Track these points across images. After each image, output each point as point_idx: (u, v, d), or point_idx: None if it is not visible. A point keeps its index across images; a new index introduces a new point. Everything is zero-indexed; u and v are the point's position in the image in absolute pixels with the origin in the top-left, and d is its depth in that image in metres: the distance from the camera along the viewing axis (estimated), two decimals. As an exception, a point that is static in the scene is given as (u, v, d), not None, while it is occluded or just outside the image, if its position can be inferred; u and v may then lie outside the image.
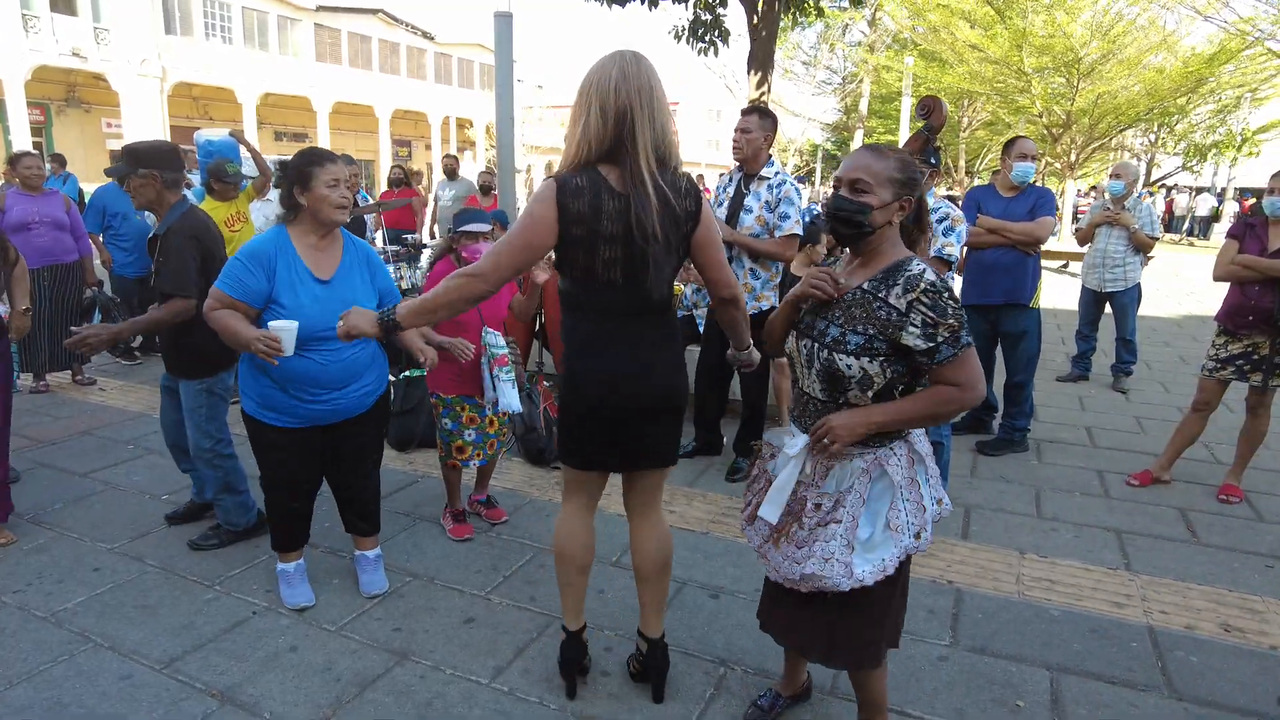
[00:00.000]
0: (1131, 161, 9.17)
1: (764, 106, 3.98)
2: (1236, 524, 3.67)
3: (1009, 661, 2.57)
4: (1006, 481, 4.15)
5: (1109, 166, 6.75)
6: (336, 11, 29.11)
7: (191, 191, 5.84)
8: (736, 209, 3.90)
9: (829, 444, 1.77)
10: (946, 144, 22.93)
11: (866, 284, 1.80)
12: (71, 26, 21.34)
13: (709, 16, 9.63)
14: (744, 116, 3.88)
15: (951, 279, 1.84)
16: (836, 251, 5.85)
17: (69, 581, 2.98)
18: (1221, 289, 3.97)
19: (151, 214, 3.21)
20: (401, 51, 32.31)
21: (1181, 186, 30.30)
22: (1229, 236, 3.86)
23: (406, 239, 7.07)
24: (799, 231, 3.81)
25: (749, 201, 3.86)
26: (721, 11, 9.71)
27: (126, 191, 3.25)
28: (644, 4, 9.18)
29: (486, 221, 3.32)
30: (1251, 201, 21.61)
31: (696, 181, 2.16)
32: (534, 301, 3.33)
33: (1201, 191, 29.23)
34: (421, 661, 2.53)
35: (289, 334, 2.46)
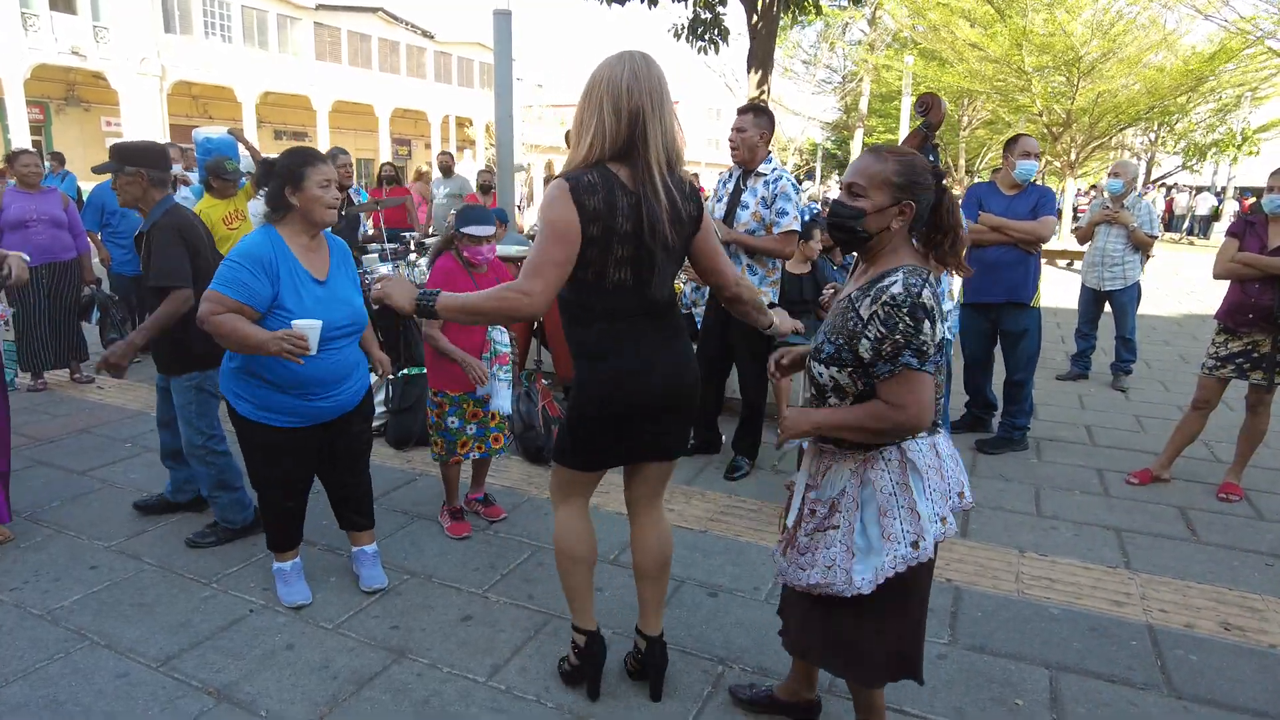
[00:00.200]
0: (1131, 160, 9.17)
1: (760, 105, 3.98)
2: (1236, 522, 3.67)
3: (1008, 660, 2.56)
4: (1006, 480, 4.15)
5: (1109, 165, 6.74)
6: (336, 10, 29.11)
7: (190, 189, 5.84)
8: (734, 206, 3.90)
9: (779, 434, 1.85)
10: (946, 143, 22.92)
11: (855, 292, 1.77)
12: (71, 25, 21.32)
13: (708, 15, 9.63)
14: (739, 115, 3.89)
15: (949, 276, 1.80)
16: (835, 254, 5.85)
17: (66, 579, 2.98)
18: (1221, 288, 3.96)
19: (138, 212, 3.23)
20: (401, 50, 32.31)
21: (1181, 186, 30.29)
22: (1228, 234, 3.86)
23: (405, 236, 7.06)
24: (796, 228, 3.81)
25: (746, 198, 3.86)
26: (721, 10, 9.71)
27: (113, 189, 3.26)
28: (644, 2, 9.17)
29: (490, 223, 3.27)
30: (1251, 201, 21.62)
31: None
32: None
33: (1202, 190, 29.22)
34: (419, 659, 2.52)
35: (315, 332, 2.41)
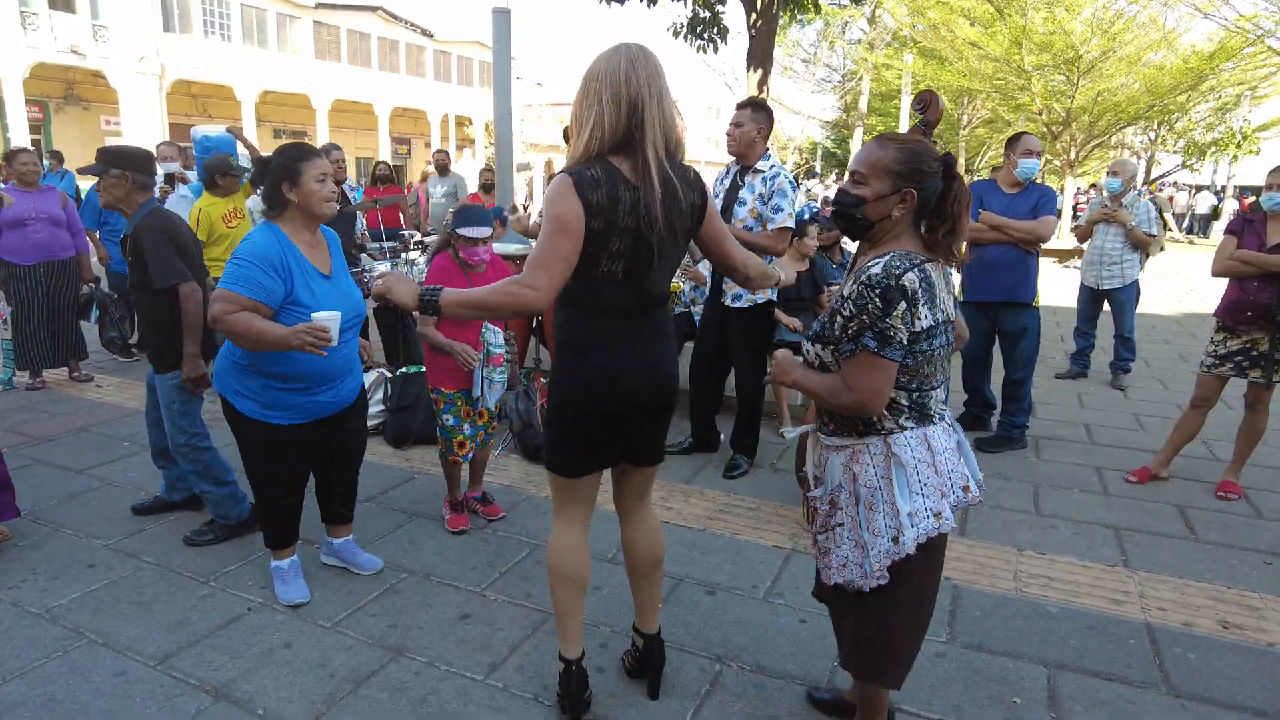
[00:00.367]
0: (1130, 159, 9.16)
1: (759, 100, 3.98)
2: (1235, 521, 3.67)
3: (1006, 658, 2.56)
4: (1005, 478, 4.14)
5: (1109, 164, 6.74)
6: (335, 9, 29.07)
7: (189, 187, 5.84)
8: (731, 202, 3.90)
9: (769, 373, 1.95)
10: (946, 141, 22.92)
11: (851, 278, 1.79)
12: (70, 24, 21.29)
13: (707, 14, 9.61)
14: (738, 110, 3.90)
15: (949, 274, 1.79)
16: (834, 252, 5.85)
17: (64, 578, 2.98)
18: (1220, 287, 3.96)
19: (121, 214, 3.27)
20: (400, 49, 32.28)
21: (1181, 184, 30.28)
22: (1227, 232, 3.87)
23: (403, 235, 7.06)
24: (790, 225, 3.80)
25: (743, 194, 3.86)
26: (720, 8, 9.69)
27: (97, 190, 3.29)
28: (642, 1, 9.15)
29: (487, 224, 3.25)
30: (1251, 200, 21.59)
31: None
32: None
33: (1201, 189, 29.22)
34: (416, 658, 2.52)
35: (335, 323, 2.43)
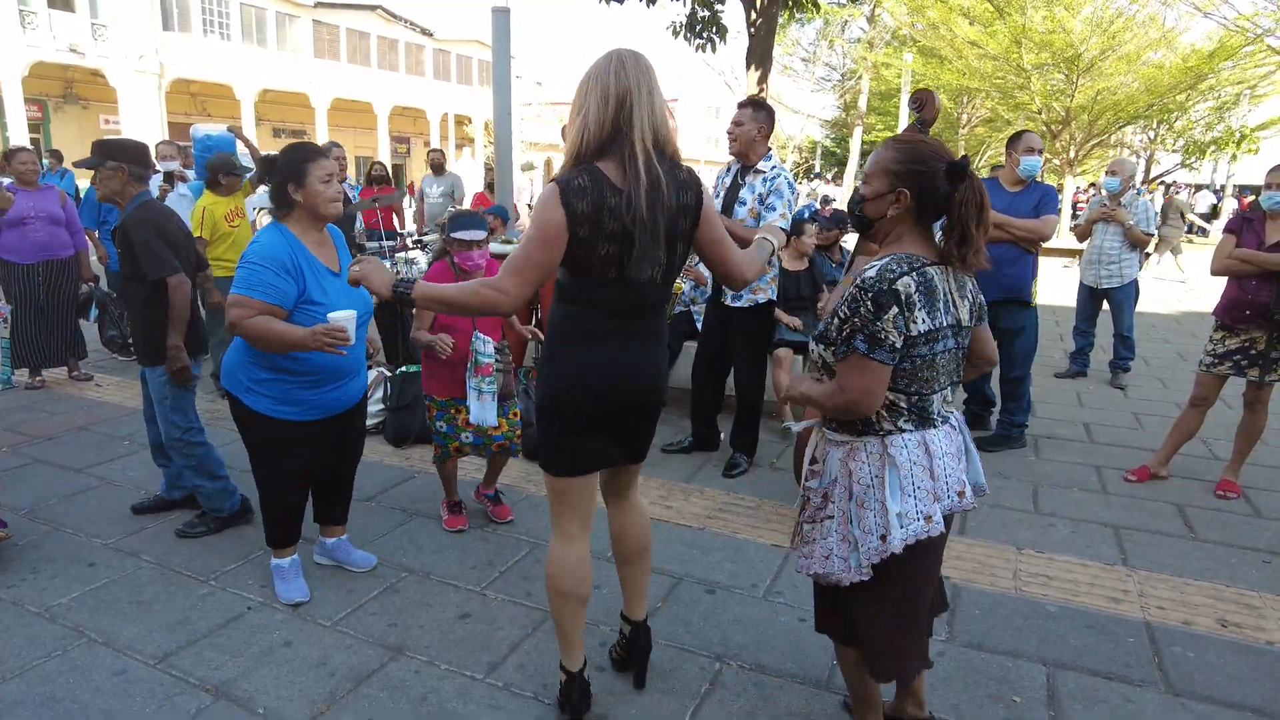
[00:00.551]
0: (1129, 158, 9.18)
1: (759, 99, 3.98)
2: (1234, 520, 3.67)
3: (1005, 657, 2.57)
4: (1004, 477, 4.15)
5: (1108, 163, 6.76)
6: (335, 8, 29.04)
7: (189, 185, 5.83)
8: (731, 201, 3.90)
9: (778, 398, 2.01)
10: (946, 140, 22.89)
11: None
12: (69, 23, 21.26)
13: (706, 13, 9.60)
14: (738, 109, 3.91)
15: (966, 281, 1.81)
16: (833, 251, 5.85)
17: (63, 577, 2.98)
18: (1220, 285, 3.96)
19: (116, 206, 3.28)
20: (400, 48, 32.24)
21: (1180, 184, 30.28)
22: (1226, 231, 3.87)
23: (401, 234, 7.06)
24: (784, 225, 3.78)
25: (743, 194, 3.86)
26: (719, 7, 9.69)
27: (93, 184, 3.28)
28: (642, 0, 9.15)
29: (481, 228, 3.23)
30: (1250, 199, 21.60)
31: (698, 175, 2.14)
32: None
33: (1201, 189, 29.20)
34: (416, 657, 2.52)
35: (352, 322, 2.46)
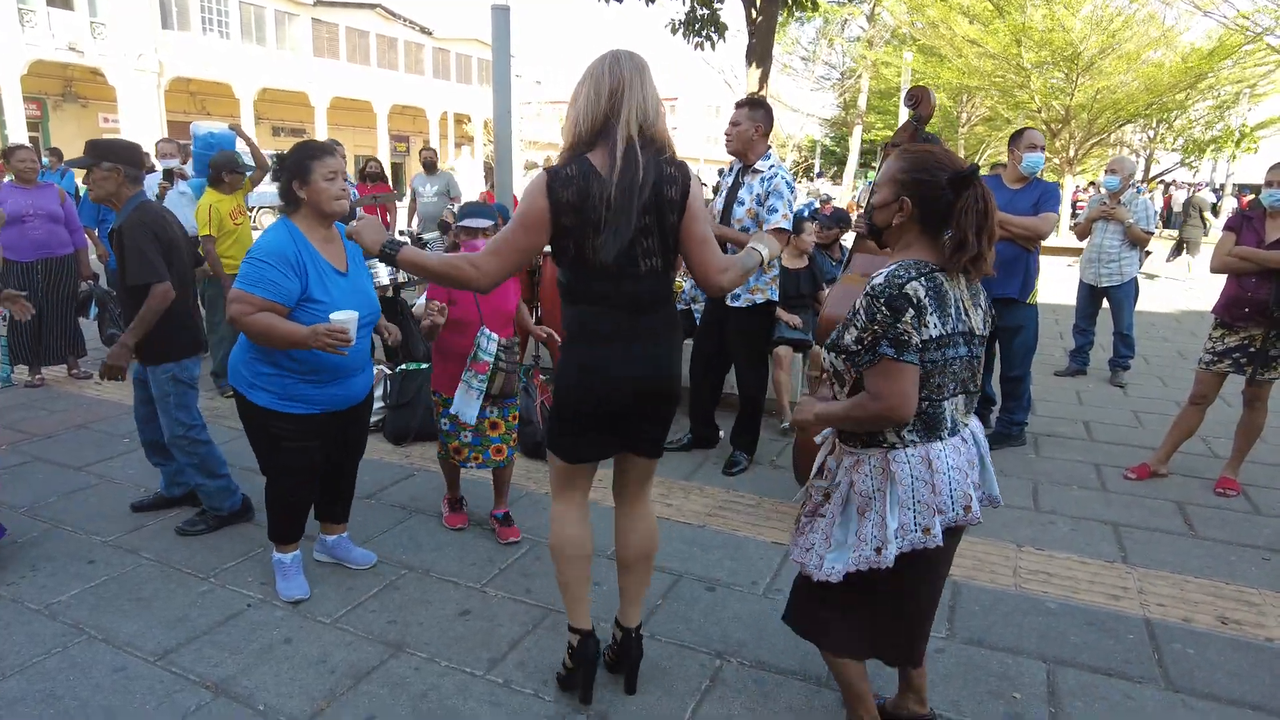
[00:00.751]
0: (1128, 157, 9.17)
1: (758, 98, 3.97)
2: (1234, 517, 3.68)
3: (1006, 654, 2.57)
4: (1004, 475, 4.14)
5: (1107, 162, 6.78)
6: (334, 6, 29.03)
7: (189, 184, 5.82)
8: (731, 201, 3.90)
9: (791, 422, 1.97)
10: (945, 139, 22.89)
11: None
12: (68, 21, 21.25)
13: (705, 11, 9.61)
14: (736, 109, 3.91)
15: (979, 290, 1.82)
16: (833, 249, 5.85)
17: (63, 574, 2.97)
18: (1219, 284, 3.96)
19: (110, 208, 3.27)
20: (399, 46, 32.23)
21: (1180, 182, 30.29)
22: (1225, 229, 3.87)
23: (405, 232, 7.06)
24: (786, 226, 3.78)
25: (742, 194, 3.86)
26: (718, 5, 9.70)
27: (84, 183, 3.27)
28: (641, -2, 9.17)
29: (490, 217, 3.28)
30: (1250, 198, 21.61)
31: (693, 174, 2.13)
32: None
33: (1200, 188, 29.18)
34: (416, 654, 2.52)
35: (353, 323, 2.47)
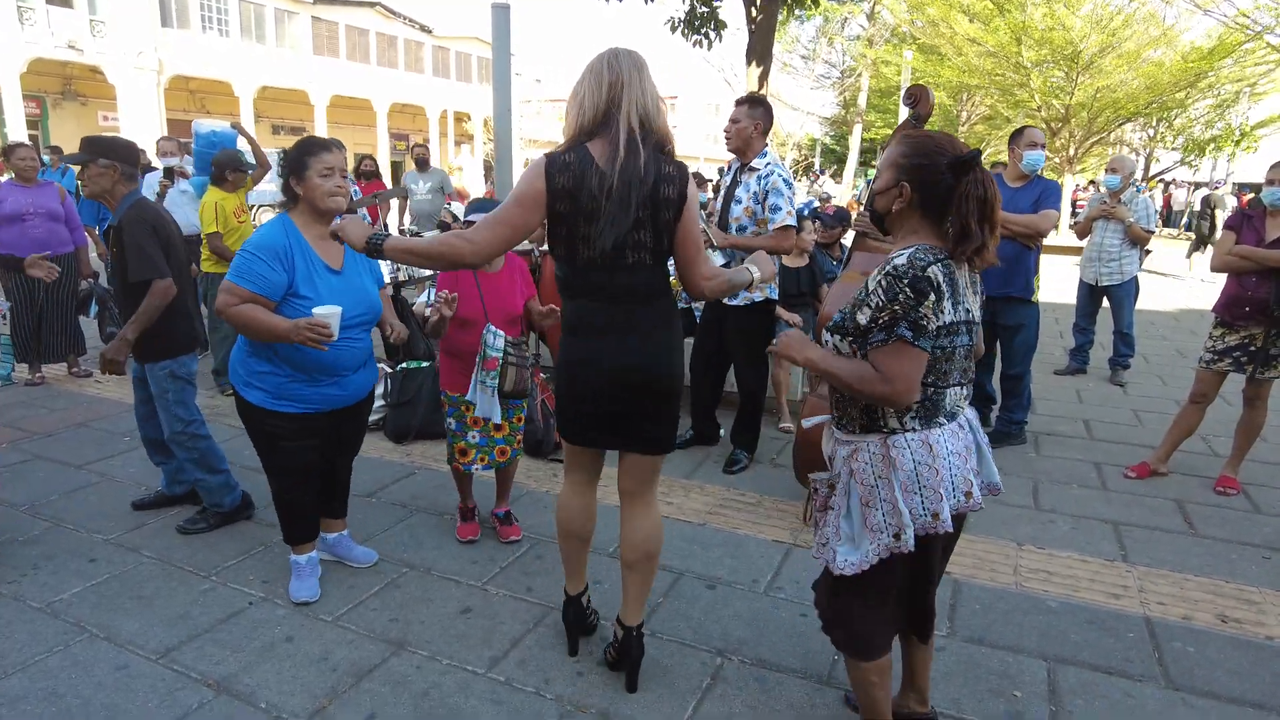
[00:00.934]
0: (1128, 155, 9.17)
1: (757, 96, 3.97)
2: (1234, 516, 3.68)
3: (1006, 652, 2.57)
4: (1004, 474, 4.09)
5: (1107, 161, 6.80)
6: (334, 5, 28.98)
7: (190, 182, 5.82)
8: (729, 200, 3.91)
9: (774, 349, 1.96)
10: (945, 138, 22.85)
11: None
12: (67, 19, 21.23)
13: (705, 9, 9.61)
14: (735, 106, 3.92)
15: (978, 280, 1.84)
16: (833, 248, 5.85)
17: (64, 572, 2.98)
18: (1220, 284, 3.97)
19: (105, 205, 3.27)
20: (399, 45, 32.20)
21: (1180, 181, 30.29)
22: (1226, 228, 3.88)
23: (404, 229, 7.06)
24: (791, 223, 3.78)
25: (739, 193, 3.87)
26: (717, 3, 9.69)
27: (78, 179, 3.28)
28: (641, -3, 9.16)
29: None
30: (1250, 196, 21.62)
31: (691, 174, 2.14)
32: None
33: (1200, 187, 29.21)
34: (418, 652, 2.52)
35: (335, 318, 2.46)
